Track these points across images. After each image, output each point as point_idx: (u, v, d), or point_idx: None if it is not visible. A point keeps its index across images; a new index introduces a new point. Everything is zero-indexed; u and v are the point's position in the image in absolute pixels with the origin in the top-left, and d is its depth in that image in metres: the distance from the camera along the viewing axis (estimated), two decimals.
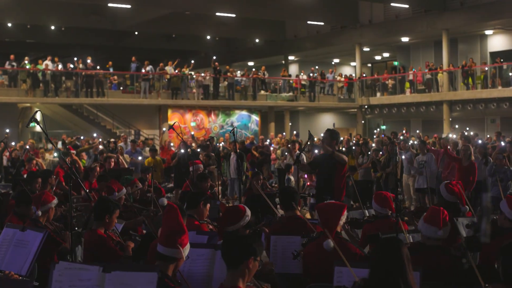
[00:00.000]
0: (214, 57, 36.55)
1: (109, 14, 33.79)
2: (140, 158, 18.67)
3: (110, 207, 6.66)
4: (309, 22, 37.45)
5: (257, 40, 42.93)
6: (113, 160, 14.66)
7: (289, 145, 19.29)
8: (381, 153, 16.22)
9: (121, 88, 33.03)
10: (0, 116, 29.40)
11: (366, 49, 38.91)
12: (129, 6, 31.42)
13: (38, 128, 36.09)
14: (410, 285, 4.14)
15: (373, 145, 19.55)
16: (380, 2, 33.79)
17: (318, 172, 10.69)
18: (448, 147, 14.61)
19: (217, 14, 33.81)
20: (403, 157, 15.67)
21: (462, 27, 32.15)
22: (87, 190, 7.73)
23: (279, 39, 41.08)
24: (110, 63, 33.16)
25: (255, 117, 37.76)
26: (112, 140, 21.63)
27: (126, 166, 16.18)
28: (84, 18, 33.94)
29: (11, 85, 29.91)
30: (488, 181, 13.15)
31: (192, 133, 29.40)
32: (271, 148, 22.56)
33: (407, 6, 32.61)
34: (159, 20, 34.49)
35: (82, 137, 25.25)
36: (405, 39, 36.12)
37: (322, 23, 37.30)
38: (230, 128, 35.60)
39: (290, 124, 39.94)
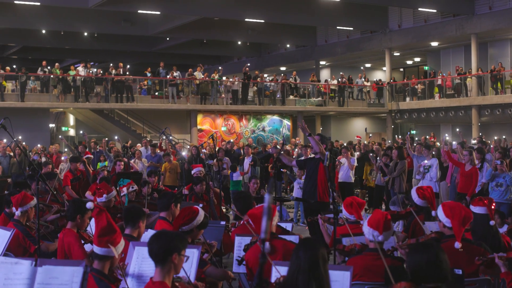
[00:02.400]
0: (249, 64, 36.77)
1: (140, 20, 34.34)
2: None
3: (82, 208, 7.01)
4: (338, 27, 37.54)
5: (288, 46, 43.19)
6: (122, 163, 15.04)
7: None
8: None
9: (154, 93, 33.51)
10: (32, 121, 30.12)
11: (396, 53, 38.88)
12: (158, 13, 31.90)
13: (71, 132, 37.06)
14: (323, 284, 4.36)
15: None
16: (409, 8, 33.78)
17: (306, 176, 11.00)
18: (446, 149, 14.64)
19: (246, 20, 34.09)
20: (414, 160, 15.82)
21: (491, 31, 32.02)
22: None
23: (310, 44, 41.26)
24: (149, 69, 33.77)
25: (287, 122, 37.93)
26: (127, 144, 22.01)
27: (138, 169, 16.52)
28: (115, 25, 34.55)
29: (43, 91, 30.63)
30: (492, 185, 13.17)
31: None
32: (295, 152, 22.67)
33: (435, 10, 32.52)
34: (190, 26, 34.86)
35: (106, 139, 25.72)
36: (434, 43, 36.03)
37: (351, 28, 37.34)
38: (262, 133, 35.97)
39: (321, 128, 40.03)
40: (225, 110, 34.68)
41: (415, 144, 17.25)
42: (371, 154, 17.59)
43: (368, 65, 44.19)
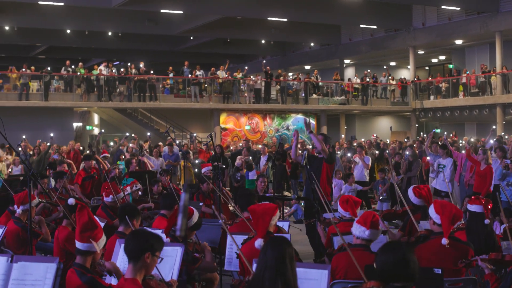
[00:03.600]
0: (264, 61, 36.86)
1: (164, 20, 34.47)
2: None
3: (76, 206, 7.12)
4: (362, 25, 37.43)
5: (312, 44, 43.15)
6: (135, 161, 15.19)
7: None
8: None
9: (175, 91, 33.72)
10: (57, 120, 30.51)
11: (420, 52, 38.62)
12: (181, 12, 32.06)
13: (96, 131, 37.44)
14: (289, 282, 4.41)
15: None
16: (433, 5, 33.56)
17: (307, 175, 11.00)
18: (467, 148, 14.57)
19: (269, 18, 34.12)
20: (428, 158, 15.79)
21: None
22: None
23: (334, 43, 41.18)
24: (171, 68, 33.99)
25: (311, 121, 37.86)
26: (141, 142, 22.16)
27: (150, 168, 16.65)
28: (140, 24, 34.74)
29: (67, 90, 30.98)
30: (503, 184, 13.08)
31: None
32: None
33: (458, 8, 32.28)
34: (213, 25, 34.89)
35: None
36: (458, 41, 35.79)
37: (375, 27, 37.20)
38: (286, 132, 35.98)
39: (345, 127, 39.94)
40: (248, 109, 34.76)
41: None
42: (387, 152, 17.59)
43: (392, 64, 44.01)
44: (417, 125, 37.70)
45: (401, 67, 44.66)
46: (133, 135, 26.20)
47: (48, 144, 18.66)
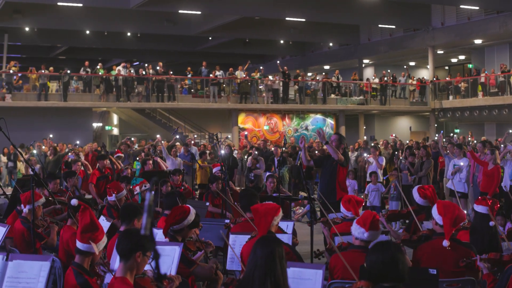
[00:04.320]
0: (278, 61, 36.85)
1: (182, 20, 34.59)
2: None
3: (80, 206, 7.20)
4: (380, 25, 37.32)
5: (331, 44, 43.09)
6: (150, 162, 15.29)
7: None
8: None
9: (193, 91, 33.86)
10: (75, 120, 30.75)
11: (440, 51, 38.42)
12: (199, 12, 32.17)
13: (115, 131, 37.68)
14: (279, 281, 4.44)
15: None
16: (452, 5, 33.37)
17: (321, 174, 11.02)
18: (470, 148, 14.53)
19: (287, 18, 34.14)
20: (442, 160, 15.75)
21: None
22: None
23: (353, 43, 41.10)
24: (189, 68, 34.12)
25: (330, 121, 37.80)
26: (154, 142, 22.26)
27: (165, 168, 16.73)
28: (158, 25, 34.88)
29: (86, 90, 31.22)
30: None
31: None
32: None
33: (477, 8, 32.07)
34: (232, 25, 34.93)
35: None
36: (478, 41, 35.55)
37: (393, 27, 37.08)
38: (305, 132, 35.95)
39: (364, 127, 39.84)
40: (267, 109, 34.80)
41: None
42: (396, 153, 17.55)
43: (412, 63, 43.85)
44: (436, 125, 37.49)
45: (421, 67, 44.45)
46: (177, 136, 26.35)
47: (68, 148, 18.83)
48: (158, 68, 31.68)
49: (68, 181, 11.37)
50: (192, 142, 22.92)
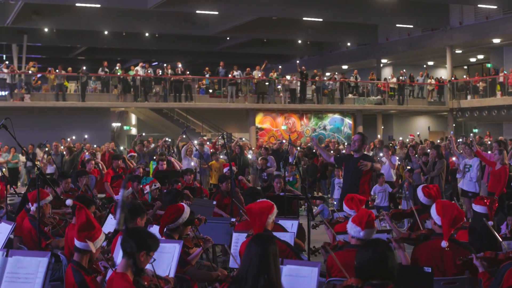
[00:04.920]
0: (298, 61, 36.91)
1: (200, 20, 34.71)
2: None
3: (85, 204, 7.34)
4: (398, 25, 37.23)
5: (349, 44, 43.04)
6: (164, 162, 15.42)
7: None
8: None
9: (210, 91, 34.01)
10: (94, 120, 31.00)
11: (458, 51, 38.26)
12: (216, 13, 32.30)
13: (134, 131, 37.91)
14: (272, 279, 4.51)
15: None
16: (470, 4, 33.21)
17: (345, 174, 10.99)
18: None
19: (304, 18, 34.16)
20: (454, 159, 15.73)
21: None
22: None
23: (371, 43, 41.03)
24: (207, 68, 34.27)
25: (348, 121, 37.76)
26: (168, 142, 22.42)
27: (178, 168, 16.84)
28: (176, 25, 35.02)
29: (104, 91, 31.49)
30: None
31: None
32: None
33: (495, 7, 31.89)
34: (250, 26, 34.97)
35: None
36: (496, 40, 35.33)
37: (411, 26, 36.97)
38: (323, 132, 35.97)
39: (382, 127, 39.77)
40: (284, 109, 34.86)
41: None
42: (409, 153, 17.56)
43: (430, 63, 43.69)
44: (454, 125, 37.34)
45: (439, 67, 44.25)
46: (205, 137, 26.45)
47: (82, 144, 19.01)
48: (178, 67, 31.73)
49: (79, 181, 11.51)
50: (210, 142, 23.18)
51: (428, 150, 16.86)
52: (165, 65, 33.73)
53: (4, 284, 4.83)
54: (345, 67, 45.48)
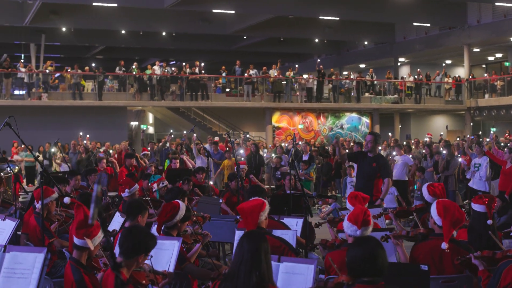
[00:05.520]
0: (318, 60, 36.89)
1: (217, 19, 34.79)
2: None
3: (86, 202, 7.43)
4: (415, 23, 37.08)
5: (366, 43, 42.92)
6: (177, 160, 15.50)
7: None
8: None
9: (227, 90, 34.08)
10: (110, 119, 31.17)
11: (476, 50, 38.04)
12: (233, 12, 32.35)
13: (151, 130, 38.06)
14: (263, 276, 4.53)
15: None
16: (487, 2, 32.98)
17: (359, 173, 10.96)
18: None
19: (321, 17, 34.12)
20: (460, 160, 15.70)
21: None
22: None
23: (388, 41, 40.89)
24: (223, 67, 34.36)
25: (366, 119, 37.66)
26: (181, 141, 22.43)
27: (191, 166, 16.90)
28: (193, 24, 35.09)
29: (121, 89, 31.66)
30: None
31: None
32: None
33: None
34: (266, 24, 34.95)
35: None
36: None
37: (428, 25, 36.80)
38: (340, 131, 35.91)
39: (400, 126, 39.64)
40: (302, 108, 34.86)
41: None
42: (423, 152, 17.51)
43: (448, 62, 43.44)
44: (472, 123, 37.12)
45: (457, 65, 44.01)
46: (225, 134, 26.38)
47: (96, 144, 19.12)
48: (199, 65, 31.84)
49: (89, 179, 11.60)
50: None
51: (441, 149, 16.79)
52: (184, 64, 33.79)
53: (1, 280, 4.90)
54: (362, 66, 45.37)
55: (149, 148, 18.82)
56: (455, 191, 14.70)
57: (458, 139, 28.45)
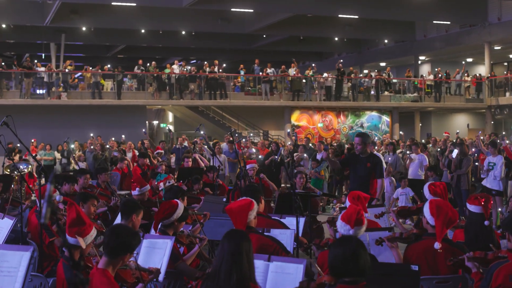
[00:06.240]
0: (341, 60, 36.78)
1: (236, 18, 34.87)
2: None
3: (87, 199, 7.53)
4: (434, 21, 36.85)
5: (386, 41, 42.75)
6: (190, 159, 15.55)
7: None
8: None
9: (249, 88, 34.11)
10: (129, 118, 31.32)
11: (497, 47, 37.72)
12: (251, 11, 32.37)
13: (170, 129, 38.14)
14: (244, 275, 4.55)
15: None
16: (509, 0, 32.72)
17: (352, 175, 10.82)
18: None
19: (340, 16, 34.04)
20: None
21: None
22: None
23: (409, 39, 40.68)
24: (242, 66, 34.41)
25: (386, 118, 37.50)
26: (195, 140, 22.46)
27: (203, 165, 16.93)
28: (212, 23, 35.18)
29: (140, 88, 31.82)
30: None
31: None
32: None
33: None
34: (286, 23, 34.93)
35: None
36: None
37: (449, 23, 36.55)
38: (360, 129, 35.77)
39: (420, 125, 39.45)
40: (321, 106, 34.82)
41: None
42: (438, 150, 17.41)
43: (469, 60, 43.11)
44: (493, 122, 36.82)
45: (478, 63, 43.63)
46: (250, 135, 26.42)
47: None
48: (215, 65, 31.91)
49: (98, 177, 11.69)
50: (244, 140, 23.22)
51: (452, 148, 16.67)
52: (205, 62, 33.89)
53: None
54: (383, 64, 45.17)
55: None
56: (468, 190, 14.55)
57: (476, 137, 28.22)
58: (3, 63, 30.37)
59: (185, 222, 7.95)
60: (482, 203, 6.65)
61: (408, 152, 19.28)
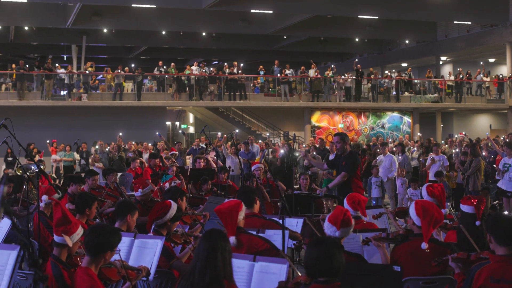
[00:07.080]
0: (356, 60, 36.74)
1: (257, 19, 34.97)
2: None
3: (87, 201, 7.66)
4: (456, 22, 36.63)
5: (407, 41, 42.58)
6: (202, 160, 15.67)
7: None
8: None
9: (270, 89, 34.17)
10: (150, 119, 31.55)
11: None
12: (271, 12, 32.44)
13: (191, 130, 38.35)
14: (219, 274, 4.60)
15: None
16: None
17: (337, 175, 11.03)
18: None
19: (360, 16, 33.99)
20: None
21: None
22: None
23: (430, 40, 40.50)
24: (261, 67, 34.49)
25: (407, 119, 37.35)
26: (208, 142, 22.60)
27: (214, 166, 17.03)
28: (233, 24, 35.32)
29: (159, 90, 32.04)
30: None
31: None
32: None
33: None
34: (306, 24, 34.93)
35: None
36: None
37: (470, 23, 36.32)
38: (381, 130, 35.68)
39: (441, 125, 39.24)
40: (342, 107, 34.78)
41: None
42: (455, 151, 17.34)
43: (491, 60, 42.81)
44: None
45: (501, 63, 43.32)
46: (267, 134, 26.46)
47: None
48: (235, 67, 32.05)
49: (107, 178, 11.83)
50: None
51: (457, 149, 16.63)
52: (226, 63, 34.05)
53: None
54: (404, 64, 45.01)
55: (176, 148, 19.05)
56: (478, 191, 14.48)
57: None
58: (26, 65, 30.70)
59: (185, 222, 8.11)
60: (475, 204, 6.65)
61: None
